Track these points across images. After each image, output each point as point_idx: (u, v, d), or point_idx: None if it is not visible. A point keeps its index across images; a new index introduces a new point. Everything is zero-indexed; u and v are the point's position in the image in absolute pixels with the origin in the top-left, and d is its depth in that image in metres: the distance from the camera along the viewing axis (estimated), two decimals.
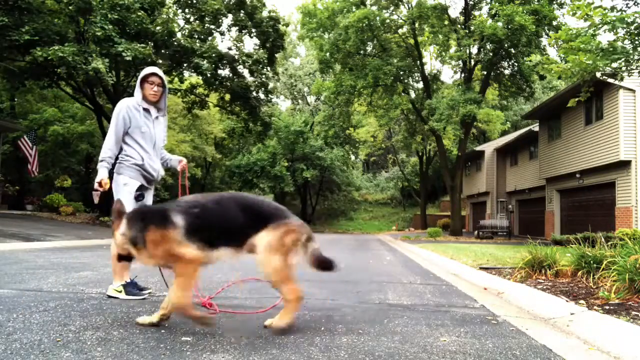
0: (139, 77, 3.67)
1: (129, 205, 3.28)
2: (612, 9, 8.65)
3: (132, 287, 3.61)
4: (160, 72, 3.71)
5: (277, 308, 3.38)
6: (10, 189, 20.17)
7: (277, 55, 20.94)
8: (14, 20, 13.34)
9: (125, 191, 3.46)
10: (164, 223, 2.47)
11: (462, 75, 22.08)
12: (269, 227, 2.58)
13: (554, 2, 18.63)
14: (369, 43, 22.18)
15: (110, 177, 3.53)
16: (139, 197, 3.48)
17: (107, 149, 3.53)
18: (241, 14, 18.70)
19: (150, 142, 3.64)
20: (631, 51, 8.69)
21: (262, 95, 20.49)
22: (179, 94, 21.13)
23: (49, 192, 21.73)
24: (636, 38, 8.52)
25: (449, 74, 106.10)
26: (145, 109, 3.65)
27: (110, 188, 3.52)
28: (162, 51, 15.87)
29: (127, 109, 3.58)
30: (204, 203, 2.62)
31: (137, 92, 3.66)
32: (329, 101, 25.12)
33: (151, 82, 3.62)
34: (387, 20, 21.89)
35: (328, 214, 43.94)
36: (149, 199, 3.69)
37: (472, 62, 20.86)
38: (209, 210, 2.59)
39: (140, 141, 3.59)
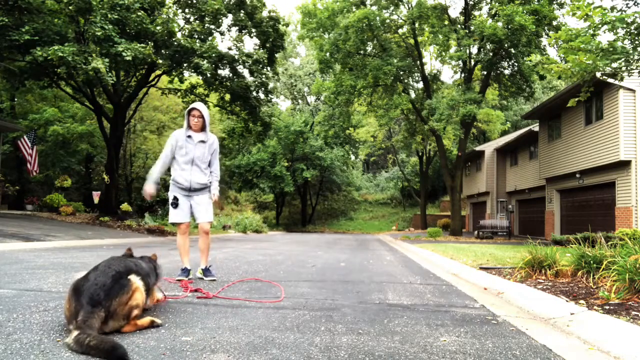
0: (186, 111, 4.64)
1: (172, 211, 4.57)
2: (612, 9, 8.65)
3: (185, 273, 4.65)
4: (200, 106, 4.59)
5: (277, 308, 3.38)
6: (10, 189, 20.16)
7: (277, 55, 20.90)
8: (14, 20, 13.32)
9: (170, 203, 4.61)
10: None
11: (462, 75, 22.06)
12: None
13: (554, 2, 18.61)
14: (369, 43, 22.14)
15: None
16: (173, 203, 4.57)
17: (154, 167, 4.63)
18: (241, 14, 18.68)
19: (188, 161, 4.57)
20: (631, 51, 8.68)
21: (262, 95, 20.45)
22: (179, 94, 21.14)
23: (49, 192, 21.70)
24: (636, 38, 8.51)
25: (449, 74, 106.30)
26: (188, 136, 4.57)
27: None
28: (162, 51, 15.84)
29: (174, 137, 4.61)
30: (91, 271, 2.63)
31: (185, 122, 4.62)
32: (329, 101, 25.08)
33: (193, 114, 4.56)
34: (387, 20, 21.86)
35: (328, 214, 43.95)
36: (196, 202, 4.63)
37: (472, 62, 20.84)
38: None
39: (179, 160, 4.58)
